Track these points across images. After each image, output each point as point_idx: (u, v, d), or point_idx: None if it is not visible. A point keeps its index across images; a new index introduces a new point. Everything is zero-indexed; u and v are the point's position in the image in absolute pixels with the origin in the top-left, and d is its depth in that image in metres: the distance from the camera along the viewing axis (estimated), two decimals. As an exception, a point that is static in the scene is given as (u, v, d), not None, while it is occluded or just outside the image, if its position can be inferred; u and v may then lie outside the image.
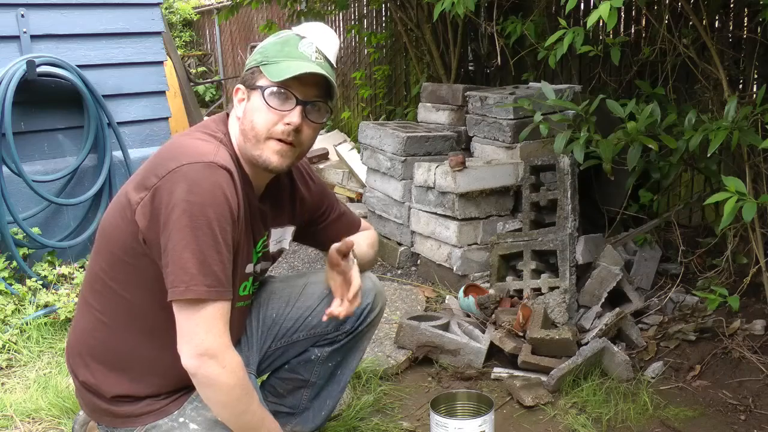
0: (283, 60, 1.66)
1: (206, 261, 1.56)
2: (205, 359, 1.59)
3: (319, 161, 5.89)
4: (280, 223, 1.94)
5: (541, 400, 2.49)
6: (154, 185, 1.59)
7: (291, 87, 1.65)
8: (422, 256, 3.84)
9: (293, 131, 1.67)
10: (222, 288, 1.60)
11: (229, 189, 1.60)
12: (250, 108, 1.69)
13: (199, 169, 1.57)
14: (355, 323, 2.03)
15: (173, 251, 1.56)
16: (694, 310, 2.97)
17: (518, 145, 3.59)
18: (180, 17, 12.22)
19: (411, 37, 5.18)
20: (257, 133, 1.68)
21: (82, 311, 1.82)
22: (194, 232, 1.55)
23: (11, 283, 3.24)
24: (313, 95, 1.69)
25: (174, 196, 1.55)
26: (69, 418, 2.37)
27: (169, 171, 1.57)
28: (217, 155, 1.62)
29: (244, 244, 1.75)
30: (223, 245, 1.59)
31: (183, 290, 1.56)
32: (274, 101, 1.66)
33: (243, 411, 1.67)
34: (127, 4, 3.94)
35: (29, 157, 3.58)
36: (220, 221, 1.57)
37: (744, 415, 2.40)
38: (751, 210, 2.16)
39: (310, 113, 1.69)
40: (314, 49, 1.69)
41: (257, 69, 1.69)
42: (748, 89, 3.42)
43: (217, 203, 1.57)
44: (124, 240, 1.67)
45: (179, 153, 1.62)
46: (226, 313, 1.63)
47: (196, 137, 1.70)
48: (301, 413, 2.12)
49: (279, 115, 1.66)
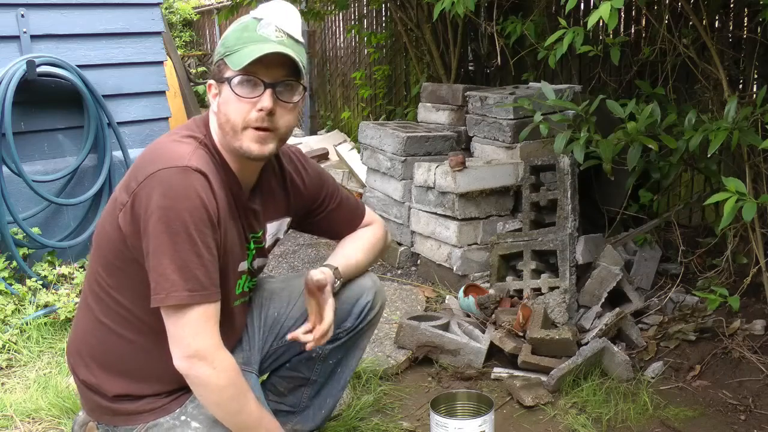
0: (243, 46, 1.63)
1: (186, 266, 1.57)
2: (195, 361, 1.61)
3: (319, 161, 5.89)
4: (276, 217, 1.93)
5: (541, 400, 2.49)
6: (134, 191, 1.60)
7: (256, 72, 1.62)
8: (422, 256, 3.84)
9: (267, 116, 1.64)
10: (205, 291, 1.60)
11: (205, 192, 1.60)
12: (222, 101, 1.67)
13: (173, 174, 1.57)
14: (356, 321, 2.03)
15: (153, 258, 1.57)
16: (694, 310, 2.97)
17: (518, 145, 3.59)
18: (180, 17, 12.24)
19: (411, 37, 5.18)
20: (233, 125, 1.66)
21: (82, 311, 1.83)
22: (172, 238, 1.55)
23: (11, 283, 3.24)
24: (282, 75, 1.65)
25: (151, 202, 1.56)
26: (69, 418, 2.37)
27: (147, 176, 1.58)
28: (192, 158, 1.61)
29: (234, 244, 1.75)
30: (203, 248, 1.59)
31: (164, 297, 1.58)
32: (241, 90, 1.64)
33: (237, 411, 1.68)
34: (127, 4, 3.94)
35: (29, 157, 3.58)
36: (197, 225, 1.57)
37: (744, 415, 2.40)
38: (751, 210, 2.16)
39: (282, 94, 1.66)
40: (274, 28, 1.64)
41: (222, 61, 1.67)
42: (748, 89, 3.42)
43: (192, 207, 1.57)
44: (114, 245, 1.68)
45: (156, 157, 1.62)
46: (213, 314, 1.63)
47: (176, 139, 1.69)
48: (301, 412, 2.13)
49: (250, 103, 1.64)
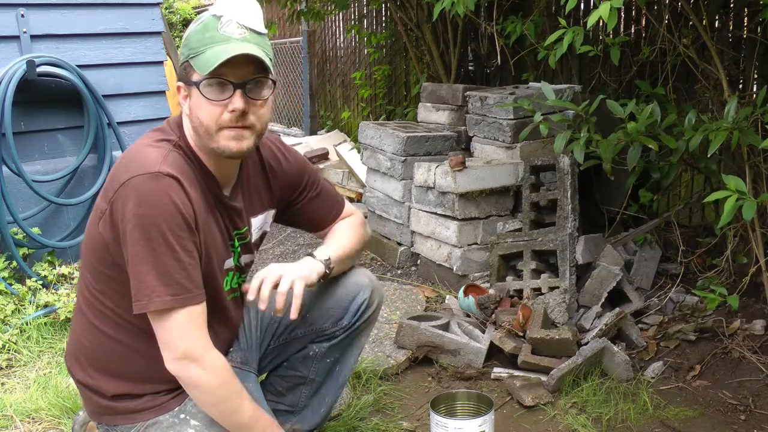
0: (207, 48, 1.61)
1: (167, 272, 1.58)
2: (186, 363, 1.62)
3: (319, 161, 5.89)
4: (259, 210, 1.93)
5: (541, 400, 2.49)
6: (111, 198, 1.61)
7: (223, 74, 1.60)
8: (422, 256, 3.84)
9: (240, 116, 1.64)
10: (188, 293, 1.61)
11: (178, 196, 1.60)
12: (193, 105, 1.66)
13: (146, 181, 1.58)
14: (352, 319, 2.03)
15: (132, 265, 1.59)
16: (694, 310, 2.97)
17: (518, 145, 3.59)
18: (180, 17, 12.22)
19: (411, 37, 5.18)
20: (207, 128, 1.65)
21: (76, 315, 1.85)
22: (149, 245, 1.56)
23: (11, 283, 3.24)
24: (250, 73, 1.63)
25: (126, 210, 1.57)
26: (69, 418, 2.37)
27: (121, 184, 1.59)
28: (163, 164, 1.61)
29: (217, 243, 1.75)
30: (182, 252, 1.60)
31: (146, 303, 1.59)
32: (211, 93, 1.62)
33: (232, 410, 1.68)
34: (127, 4, 3.94)
35: (29, 157, 3.58)
36: (173, 230, 1.58)
37: (744, 415, 2.40)
38: (751, 209, 2.16)
39: (252, 92, 1.64)
40: (236, 25, 1.62)
41: (187, 63, 1.65)
42: (748, 89, 3.41)
43: (167, 213, 1.57)
44: (98, 251, 1.69)
45: (129, 164, 1.63)
46: (199, 315, 1.64)
47: (149, 143, 1.69)
48: (300, 411, 2.12)
49: (221, 105, 1.63)
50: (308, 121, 7.72)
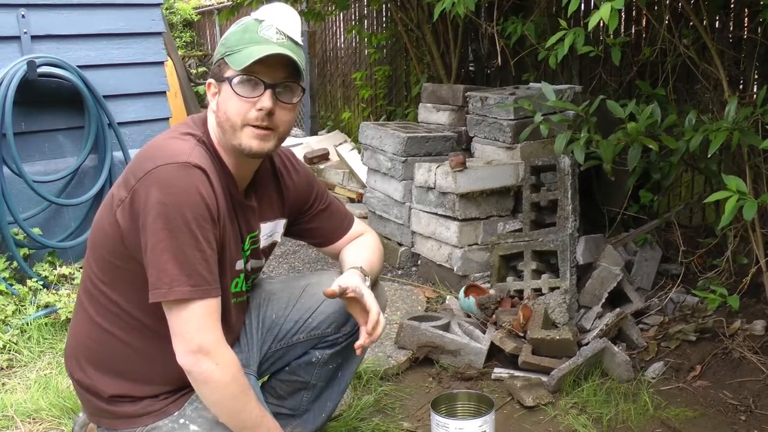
0: (245, 47, 1.65)
1: (188, 261, 1.58)
2: (200, 356, 1.61)
3: (319, 161, 5.89)
4: (270, 217, 1.93)
5: (542, 400, 2.49)
6: (132, 187, 1.61)
7: (257, 72, 1.64)
8: (423, 256, 3.84)
9: (267, 115, 1.66)
10: (208, 285, 1.61)
11: (205, 187, 1.61)
12: (222, 100, 1.69)
13: (173, 170, 1.58)
14: (355, 326, 2.01)
15: (152, 253, 1.58)
16: (694, 311, 2.97)
17: (518, 146, 3.59)
18: (180, 18, 12.23)
19: (411, 37, 5.19)
20: (233, 123, 1.67)
21: (78, 313, 1.83)
22: (172, 234, 1.56)
23: (12, 283, 3.24)
24: (282, 77, 1.67)
25: (150, 198, 1.57)
26: (69, 419, 2.37)
27: (146, 173, 1.59)
28: (192, 154, 1.62)
29: (230, 242, 1.75)
30: (205, 243, 1.60)
31: (165, 291, 1.58)
32: (242, 89, 1.65)
33: (240, 409, 1.68)
34: (128, 5, 3.94)
35: (30, 157, 3.58)
36: (198, 220, 1.58)
37: (744, 416, 2.40)
38: (752, 209, 2.16)
39: (281, 95, 1.68)
40: (275, 30, 1.66)
41: (222, 61, 1.69)
42: (748, 89, 3.41)
43: (193, 203, 1.58)
44: (111, 242, 1.68)
45: (155, 154, 1.63)
46: (216, 309, 1.64)
47: (175, 136, 1.70)
48: (301, 415, 2.12)
49: (250, 102, 1.66)
50: (309, 122, 7.72)
